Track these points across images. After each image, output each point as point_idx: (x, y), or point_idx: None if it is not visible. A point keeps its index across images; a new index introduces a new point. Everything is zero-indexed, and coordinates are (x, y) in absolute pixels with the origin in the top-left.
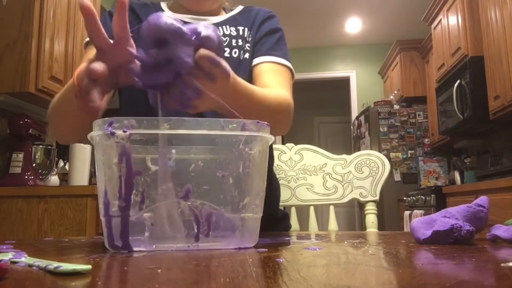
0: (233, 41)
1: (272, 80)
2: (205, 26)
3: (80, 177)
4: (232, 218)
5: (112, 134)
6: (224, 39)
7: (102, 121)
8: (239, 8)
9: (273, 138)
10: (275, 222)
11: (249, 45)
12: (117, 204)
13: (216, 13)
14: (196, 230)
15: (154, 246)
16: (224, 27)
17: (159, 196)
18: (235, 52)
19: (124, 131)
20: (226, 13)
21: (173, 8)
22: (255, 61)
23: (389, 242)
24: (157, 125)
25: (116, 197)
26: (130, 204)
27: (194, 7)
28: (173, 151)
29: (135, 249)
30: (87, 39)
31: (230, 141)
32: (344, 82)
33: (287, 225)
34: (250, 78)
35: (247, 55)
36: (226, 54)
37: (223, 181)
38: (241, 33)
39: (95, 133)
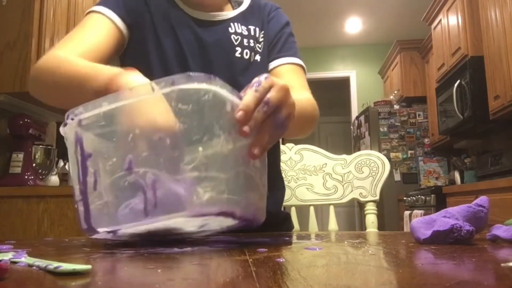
0: (245, 40)
1: (292, 82)
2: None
3: None
4: (177, 181)
5: (65, 125)
6: (236, 38)
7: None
8: (247, 2)
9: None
10: (277, 223)
11: (259, 46)
12: (78, 188)
13: (222, 7)
14: (143, 203)
15: (119, 227)
16: (235, 24)
17: (107, 172)
18: (246, 53)
19: (72, 119)
20: (234, 7)
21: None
22: (272, 64)
23: (389, 242)
24: (99, 105)
25: (77, 182)
26: (87, 186)
27: (199, 0)
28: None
29: (99, 230)
30: (94, 7)
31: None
32: (344, 82)
33: (289, 226)
34: None
35: (257, 57)
36: (237, 54)
37: (159, 143)
38: (252, 33)
39: (62, 130)
